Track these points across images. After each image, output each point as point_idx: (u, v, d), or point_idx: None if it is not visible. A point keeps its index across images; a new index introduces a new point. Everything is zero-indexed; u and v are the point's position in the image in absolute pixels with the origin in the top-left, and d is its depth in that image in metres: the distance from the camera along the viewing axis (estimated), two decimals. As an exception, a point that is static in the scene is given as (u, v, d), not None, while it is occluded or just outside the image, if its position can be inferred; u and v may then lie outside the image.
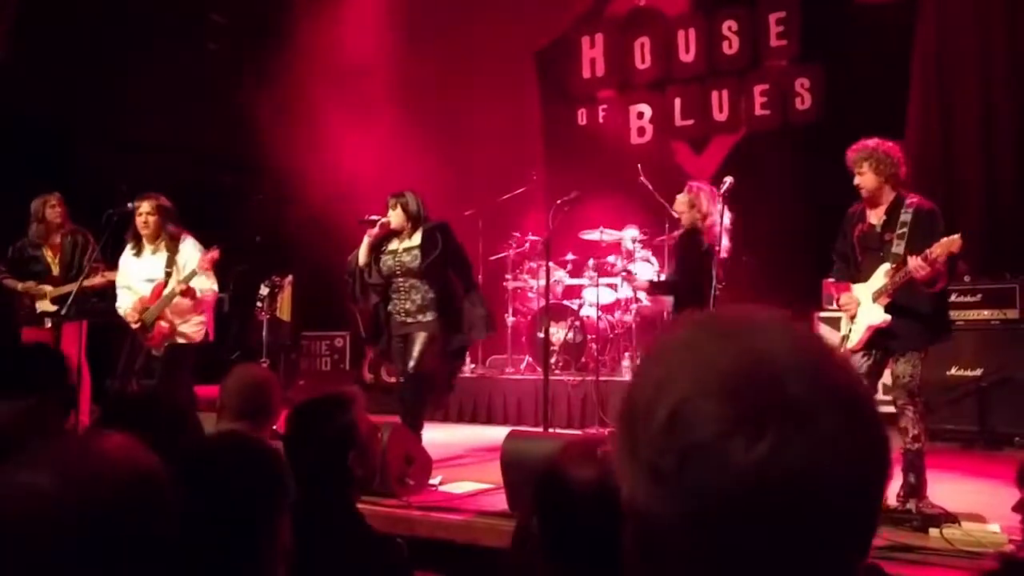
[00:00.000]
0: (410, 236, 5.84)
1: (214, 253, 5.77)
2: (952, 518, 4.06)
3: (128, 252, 5.99)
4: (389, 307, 5.88)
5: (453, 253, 5.87)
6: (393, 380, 6.05)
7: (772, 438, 0.70)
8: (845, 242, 4.69)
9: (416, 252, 5.76)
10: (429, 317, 5.74)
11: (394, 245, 5.87)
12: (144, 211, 5.82)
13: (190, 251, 5.89)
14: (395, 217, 5.82)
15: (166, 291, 5.79)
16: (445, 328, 5.78)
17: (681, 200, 5.74)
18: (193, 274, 5.72)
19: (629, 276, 7.32)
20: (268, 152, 9.14)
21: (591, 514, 2.01)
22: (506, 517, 4.31)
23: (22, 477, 1.08)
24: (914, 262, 4.23)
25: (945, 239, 4.20)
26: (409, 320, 5.78)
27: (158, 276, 5.87)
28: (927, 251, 4.21)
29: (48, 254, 6.64)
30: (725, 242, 5.51)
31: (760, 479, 0.70)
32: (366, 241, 5.85)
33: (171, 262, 5.83)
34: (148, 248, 5.91)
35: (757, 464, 0.70)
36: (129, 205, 5.93)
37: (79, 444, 1.22)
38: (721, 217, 5.44)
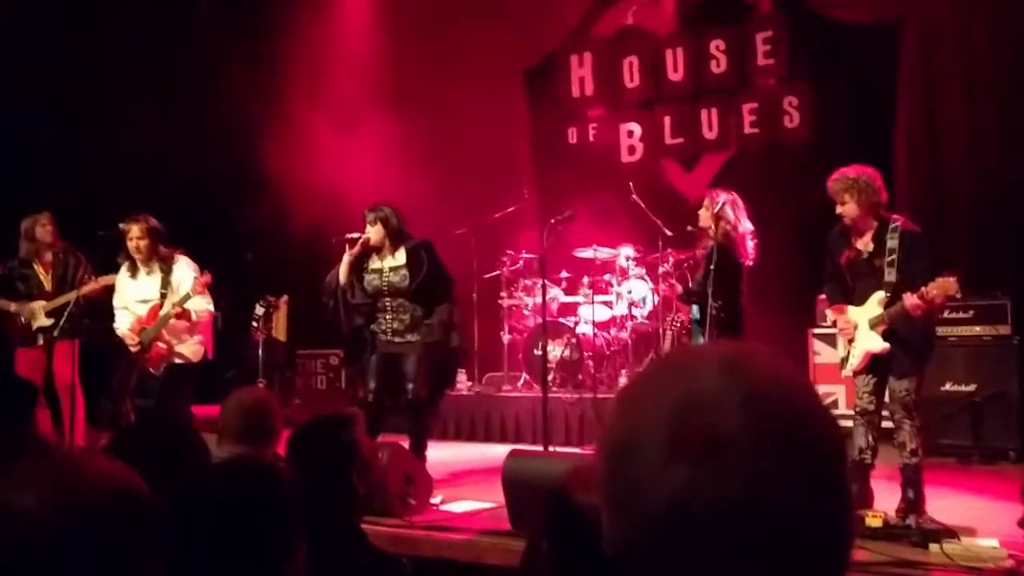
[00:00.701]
0: (392, 254, 5.69)
1: (207, 277, 5.76)
2: (951, 533, 4.05)
3: (124, 272, 5.98)
4: (373, 326, 5.73)
5: (438, 271, 5.77)
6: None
7: (695, 469, 0.74)
8: (833, 265, 4.72)
9: (404, 272, 5.63)
10: (418, 336, 5.66)
11: (377, 264, 5.71)
12: (134, 235, 5.80)
13: (184, 271, 5.88)
14: (375, 233, 5.65)
15: (162, 312, 5.77)
16: (427, 346, 5.69)
17: (704, 216, 5.56)
18: (187, 297, 5.70)
19: (668, 279, 7.26)
20: (259, 170, 9.13)
21: (600, 539, 2.00)
22: (510, 536, 4.29)
23: (5, 496, 1.08)
24: (911, 300, 4.28)
25: (942, 280, 4.25)
26: (397, 340, 5.68)
27: (153, 297, 5.86)
28: (923, 290, 4.25)
29: (40, 271, 6.63)
30: (752, 250, 5.50)
31: (682, 508, 0.74)
32: (346, 260, 5.67)
33: (166, 283, 5.83)
34: (143, 269, 5.90)
35: (678, 494, 0.74)
36: (121, 226, 5.93)
37: (65, 464, 1.21)
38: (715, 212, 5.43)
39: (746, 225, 5.52)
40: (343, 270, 5.68)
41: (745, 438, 0.74)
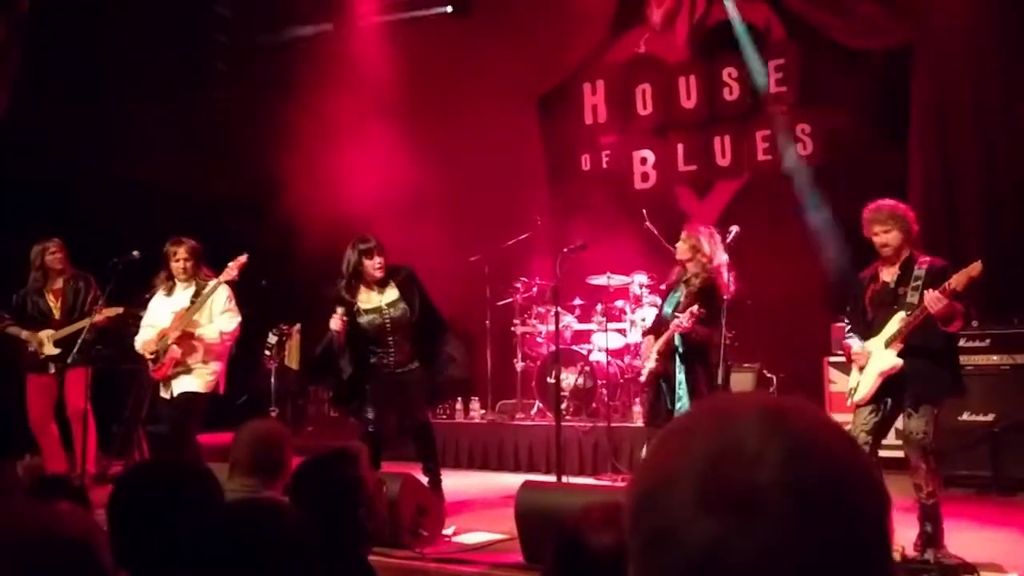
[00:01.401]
0: (382, 289, 5.64)
1: (242, 259, 5.81)
2: (970, 568, 4.00)
3: (159, 295, 6.03)
4: (373, 360, 5.65)
5: (427, 296, 5.77)
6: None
7: (726, 522, 0.71)
8: (857, 304, 4.67)
9: (403, 306, 5.61)
10: (416, 364, 5.69)
11: (374, 302, 5.64)
12: (181, 256, 5.91)
13: (219, 289, 5.92)
14: (380, 268, 5.58)
15: (191, 314, 5.83)
16: (427, 371, 5.73)
17: (683, 248, 5.53)
18: (218, 284, 5.79)
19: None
20: (270, 198, 9.18)
21: (614, 578, 1.98)
22: (522, 569, 4.26)
23: None
24: (931, 295, 4.18)
25: (965, 269, 4.16)
26: (400, 370, 5.66)
27: (184, 305, 5.90)
28: (945, 283, 4.17)
29: (50, 299, 6.74)
30: (730, 282, 5.45)
31: (710, 563, 0.71)
32: (336, 337, 5.56)
33: (198, 293, 5.89)
34: (180, 286, 5.98)
35: (708, 547, 0.71)
36: (134, 253, 6.05)
37: (21, 511, 1.22)
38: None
39: (721, 257, 5.47)
40: (339, 341, 5.58)
41: (782, 493, 0.71)
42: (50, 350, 6.60)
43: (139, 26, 8.58)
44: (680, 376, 5.31)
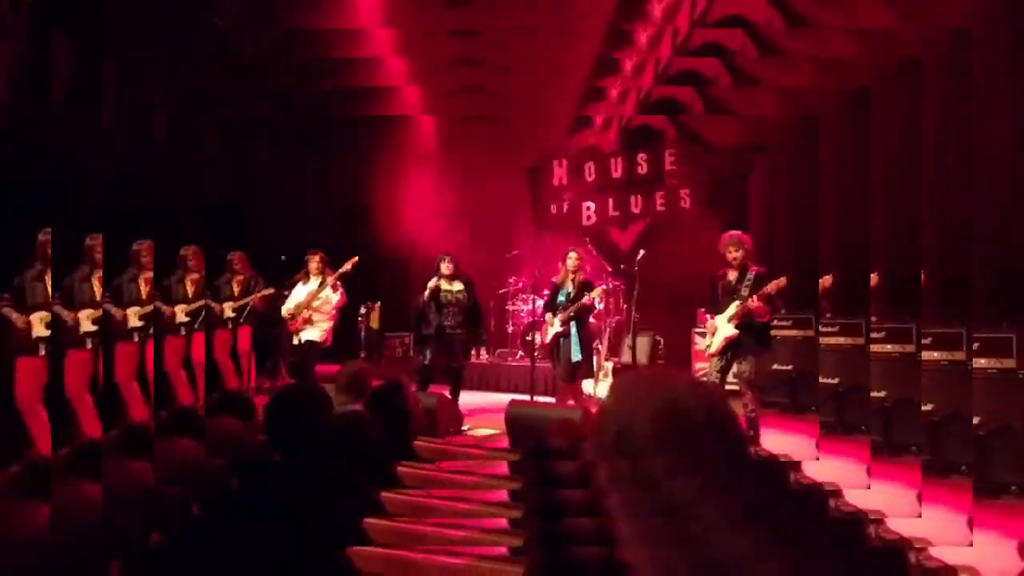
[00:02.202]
0: (451, 281, 5.86)
1: (354, 259, 5.89)
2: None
3: (299, 284, 6.10)
4: (437, 322, 5.82)
5: (476, 298, 6.05)
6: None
7: (673, 446, 0.78)
8: (713, 292, 4.77)
9: (465, 294, 5.85)
10: (461, 329, 5.84)
11: (447, 288, 5.88)
12: (316, 261, 6.01)
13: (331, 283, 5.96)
14: (449, 269, 5.87)
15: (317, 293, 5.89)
16: (468, 334, 5.94)
17: (574, 261, 5.77)
18: (339, 275, 5.90)
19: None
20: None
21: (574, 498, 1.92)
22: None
23: None
24: (752, 302, 4.39)
25: (775, 281, 4.35)
26: (451, 331, 5.83)
27: (313, 288, 5.98)
28: (763, 289, 4.36)
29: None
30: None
31: (667, 472, 0.78)
32: (426, 300, 5.83)
33: (321, 284, 5.95)
34: (313, 279, 6.03)
35: (666, 464, 0.77)
36: (282, 258, 6.25)
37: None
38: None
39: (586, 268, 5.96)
40: (428, 301, 5.82)
41: (706, 429, 0.79)
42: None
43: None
44: (573, 332, 5.58)
